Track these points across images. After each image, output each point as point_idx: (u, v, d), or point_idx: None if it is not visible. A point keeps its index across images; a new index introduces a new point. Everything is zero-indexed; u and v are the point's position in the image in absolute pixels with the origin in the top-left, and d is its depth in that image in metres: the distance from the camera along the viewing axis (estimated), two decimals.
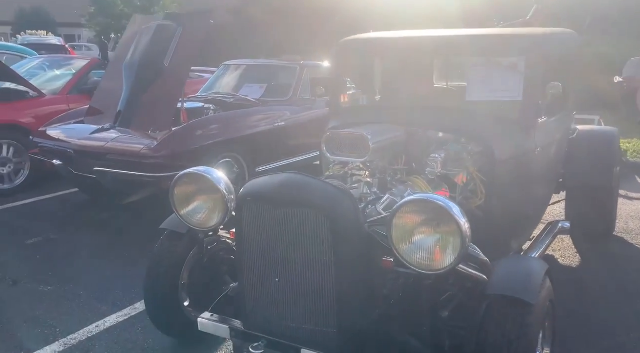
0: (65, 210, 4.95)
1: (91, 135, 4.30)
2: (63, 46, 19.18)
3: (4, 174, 5.30)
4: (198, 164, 4.15)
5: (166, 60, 4.50)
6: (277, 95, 5.41)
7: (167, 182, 4.00)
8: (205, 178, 2.25)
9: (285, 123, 5.04)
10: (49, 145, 4.53)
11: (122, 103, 4.54)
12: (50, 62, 7.23)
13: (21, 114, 5.46)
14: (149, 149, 3.96)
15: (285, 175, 1.97)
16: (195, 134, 4.21)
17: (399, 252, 1.73)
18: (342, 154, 2.32)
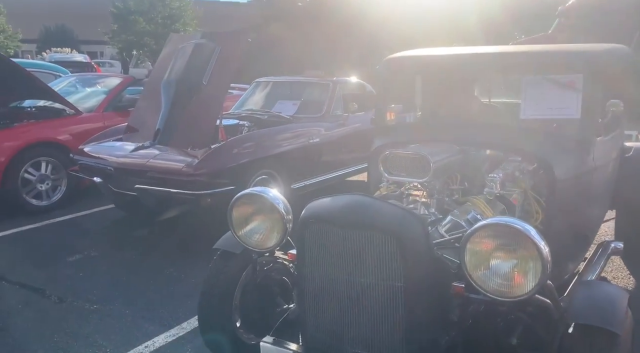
0: (102, 226, 5.00)
1: (131, 153, 4.34)
2: (89, 63, 19.61)
3: (42, 191, 5.38)
4: (237, 181, 4.19)
5: (205, 78, 4.53)
6: (310, 111, 5.42)
7: (207, 199, 4.05)
8: (263, 198, 2.24)
9: (319, 139, 5.04)
10: (89, 162, 4.58)
11: (161, 121, 4.58)
12: (82, 80, 7.37)
13: (59, 131, 5.55)
14: (189, 166, 3.98)
15: (350, 197, 1.94)
16: (234, 152, 4.22)
17: (474, 278, 1.68)
18: (401, 174, 2.29)
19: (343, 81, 5.84)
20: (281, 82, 6.10)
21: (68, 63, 18.19)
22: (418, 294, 1.79)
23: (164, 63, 4.99)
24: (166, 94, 4.68)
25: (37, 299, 3.44)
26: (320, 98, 5.52)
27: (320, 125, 5.21)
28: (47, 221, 5.09)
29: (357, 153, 5.70)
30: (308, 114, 5.36)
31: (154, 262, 4.01)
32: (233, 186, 4.08)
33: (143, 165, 4.14)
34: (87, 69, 18.34)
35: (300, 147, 4.82)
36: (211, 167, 4.03)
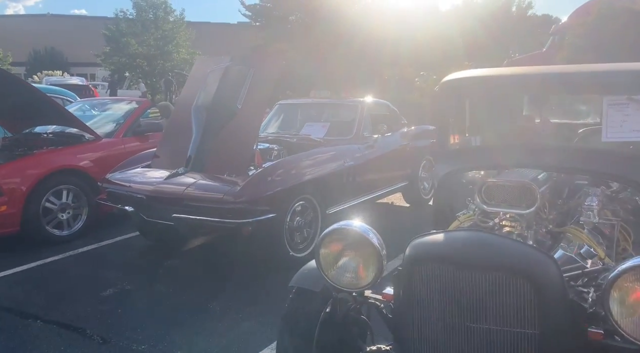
0: (130, 256, 4.78)
1: (165, 180, 4.17)
2: (86, 86, 19.43)
3: (63, 220, 5.17)
4: (277, 208, 4.03)
5: (239, 102, 4.40)
6: (340, 133, 5.30)
7: (248, 228, 3.88)
8: (354, 232, 2.09)
9: (354, 162, 4.91)
10: (119, 190, 4.40)
11: (193, 147, 4.43)
12: (95, 104, 7.21)
13: (80, 157, 5.36)
14: (230, 195, 3.82)
15: (468, 233, 1.80)
16: (273, 178, 4.07)
17: (621, 325, 1.54)
18: (501, 204, 2.15)
19: (371, 102, 5.74)
20: (306, 104, 5.99)
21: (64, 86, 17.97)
22: (553, 341, 1.63)
23: (193, 87, 4.85)
24: (197, 119, 4.54)
25: (79, 340, 3.22)
26: (349, 119, 5.42)
27: (352, 147, 5.09)
28: (70, 252, 4.87)
29: (388, 174, 5.59)
30: (338, 136, 5.24)
31: (193, 295, 3.81)
32: (274, 213, 3.93)
33: (180, 194, 3.97)
34: (84, 92, 18.15)
35: (336, 171, 4.68)
36: (252, 194, 3.87)
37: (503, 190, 2.15)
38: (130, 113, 6.18)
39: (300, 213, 4.28)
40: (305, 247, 4.35)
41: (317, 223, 4.46)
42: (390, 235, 5.05)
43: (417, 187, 6.10)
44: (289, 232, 4.17)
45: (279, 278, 4.02)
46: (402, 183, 5.88)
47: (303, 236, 4.33)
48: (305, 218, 4.32)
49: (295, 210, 4.22)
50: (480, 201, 2.21)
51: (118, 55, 34.63)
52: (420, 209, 6.17)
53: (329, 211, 4.63)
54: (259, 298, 3.72)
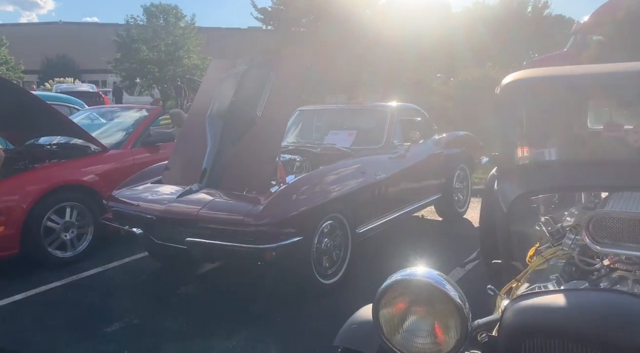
0: (138, 281, 4.32)
1: (178, 199, 3.70)
2: (96, 93, 19.16)
3: (67, 241, 4.72)
4: (304, 230, 3.53)
5: (259, 109, 3.93)
6: (368, 142, 4.81)
7: (271, 253, 3.39)
8: (427, 284, 1.58)
9: (385, 175, 4.41)
10: (127, 210, 3.94)
11: (208, 160, 3.96)
12: (102, 113, 6.79)
13: (85, 171, 4.92)
14: (252, 216, 3.33)
15: (606, 296, 1.30)
16: (299, 196, 3.58)
17: None
18: (623, 244, 1.64)
19: (401, 107, 5.24)
20: (329, 110, 5.51)
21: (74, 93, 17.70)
22: None
23: (207, 94, 4.39)
24: (213, 129, 4.08)
25: None
26: (378, 126, 4.92)
27: (382, 157, 4.59)
28: (74, 276, 4.42)
29: (422, 186, 5.09)
30: (367, 145, 4.75)
31: (210, 331, 3.32)
32: (300, 237, 3.44)
33: (194, 215, 3.50)
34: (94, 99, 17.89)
35: (367, 185, 4.18)
36: (276, 215, 3.38)
37: (625, 225, 1.63)
38: (139, 122, 5.74)
39: (328, 234, 3.79)
40: (334, 273, 3.85)
41: (347, 244, 3.97)
42: (427, 256, 4.54)
43: (452, 199, 5.58)
44: (317, 255, 3.68)
45: (306, 310, 3.54)
46: (436, 196, 5.36)
47: (332, 260, 3.84)
48: (334, 239, 3.83)
49: (323, 230, 3.73)
50: (589, 238, 1.69)
51: (129, 61, 34.54)
52: (455, 224, 5.65)
53: (359, 230, 4.14)
54: (284, 335, 3.23)
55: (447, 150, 5.53)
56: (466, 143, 6.06)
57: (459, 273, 4.11)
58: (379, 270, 4.20)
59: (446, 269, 4.18)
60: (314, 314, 3.46)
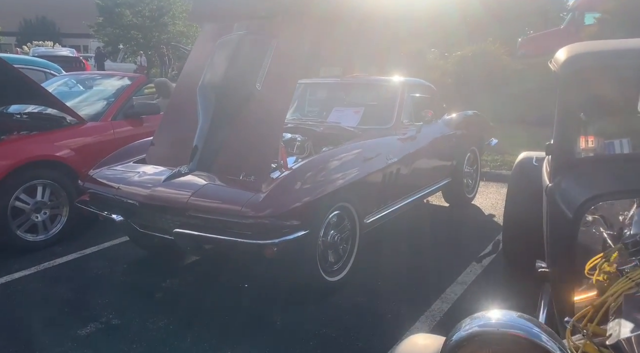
0: (119, 271, 3.85)
1: (165, 183, 3.22)
2: (76, 58, 18.22)
3: (38, 223, 4.23)
4: (309, 222, 3.07)
5: (259, 81, 3.44)
6: (377, 121, 4.35)
7: (273, 249, 2.95)
8: (513, 337, 1.16)
9: (397, 158, 3.97)
10: (106, 193, 3.45)
11: (199, 138, 3.48)
12: (81, 80, 6.19)
13: (59, 146, 4.40)
14: (251, 206, 2.88)
15: None
16: (305, 183, 3.13)
17: None
18: None
19: (412, 83, 4.77)
20: (333, 84, 5.02)
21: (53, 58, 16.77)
22: None
23: (198, 62, 3.87)
24: (205, 102, 3.58)
25: None
26: (387, 104, 4.45)
27: (392, 139, 4.14)
28: (45, 264, 3.95)
29: (433, 170, 4.68)
30: (375, 125, 4.29)
31: (198, 334, 2.90)
32: (305, 230, 3.01)
33: (183, 203, 3.03)
34: (74, 64, 16.98)
35: (377, 170, 3.74)
36: (279, 206, 2.93)
37: None
38: (121, 91, 5.19)
39: (335, 226, 3.36)
40: (340, 269, 3.44)
41: (355, 236, 3.55)
42: (438, 248, 4.14)
43: (461, 184, 5.18)
44: (322, 250, 3.26)
45: (310, 312, 3.13)
46: (445, 180, 4.95)
47: (338, 254, 3.42)
48: (341, 231, 3.40)
49: (330, 222, 3.30)
50: None
51: (112, 26, 33.16)
52: (464, 211, 5.26)
53: (368, 220, 3.72)
54: (286, 341, 2.82)
55: (457, 130, 5.10)
56: (476, 123, 5.64)
57: (476, 269, 3.72)
58: (387, 266, 3.80)
59: (462, 265, 3.80)
60: (319, 317, 3.06)
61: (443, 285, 3.46)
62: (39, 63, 7.82)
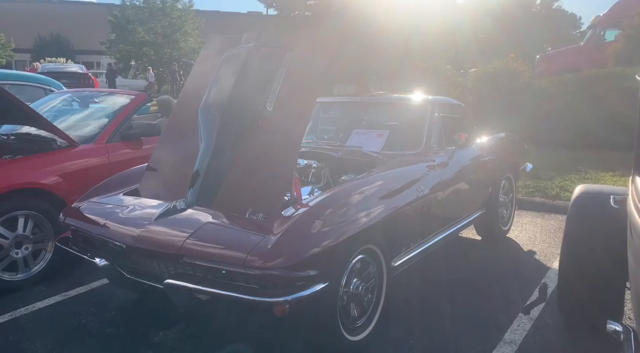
0: (105, 320, 3.29)
1: (157, 221, 2.70)
2: (85, 74, 17.99)
3: (18, 259, 3.73)
4: (328, 273, 2.52)
5: (269, 102, 2.93)
6: (403, 146, 3.82)
7: (284, 306, 2.41)
8: None
9: (428, 190, 3.43)
10: (90, 231, 2.94)
11: (199, 167, 2.96)
12: (81, 97, 5.73)
13: (45, 172, 3.91)
14: (259, 254, 2.34)
15: None
16: (325, 224, 2.58)
17: None
18: None
19: (442, 102, 4.25)
20: (351, 103, 4.51)
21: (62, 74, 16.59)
22: None
23: (201, 78, 3.38)
24: (207, 125, 3.07)
25: None
26: (415, 125, 3.93)
27: (422, 167, 3.60)
28: (22, 309, 3.43)
29: (466, 201, 4.13)
30: (402, 150, 3.76)
31: None
32: (324, 282, 2.46)
33: (177, 247, 2.50)
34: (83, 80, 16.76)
35: (408, 203, 3.20)
36: (294, 253, 2.39)
37: None
38: (119, 110, 4.71)
39: (358, 273, 2.81)
40: (364, 325, 2.88)
41: (381, 283, 2.99)
42: (476, 294, 3.56)
43: (497, 215, 4.61)
44: (344, 303, 2.71)
45: None
46: (479, 212, 4.39)
47: (361, 307, 2.86)
48: (365, 279, 2.85)
49: (353, 268, 2.75)
50: None
51: (124, 42, 33.28)
52: (499, 246, 4.67)
53: (395, 262, 3.16)
54: None
55: (492, 155, 4.55)
56: (510, 146, 5.09)
57: (525, 324, 3.14)
58: (419, 318, 3.22)
59: (507, 317, 3.21)
60: None
61: (488, 346, 2.88)
62: (39, 79, 7.43)
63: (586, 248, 2.64)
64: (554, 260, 4.19)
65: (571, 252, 2.78)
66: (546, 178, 6.71)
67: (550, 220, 5.39)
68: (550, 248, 4.54)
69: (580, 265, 2.69)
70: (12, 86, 7.13)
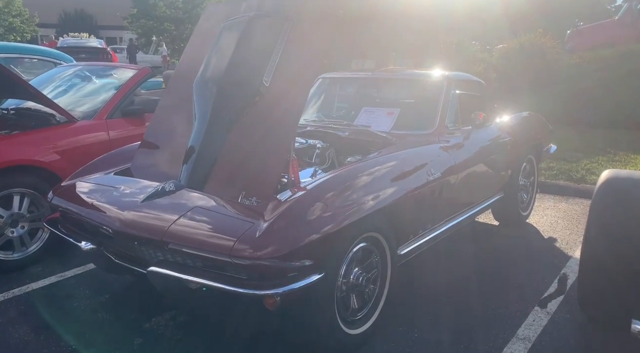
0: (97, 303, 3.17)
1: (144, 203, 2.53)
2: (104, 49, 17.92)
3: (14, 238, 3.63)
4: (324, 263, 2.28)
5: (266, 76, 2.70)
6: (414, 125, 3.57)
7: (275, 299, 2.23)
8: None
9: (440, 173, 3.18)
10: (77, 213, 2.79)
11: (192, 146, 2.77)
12: (90, 70, 5.56)
13: (42, 149, 3.77)
14: (248, 241, 2.15)
15: None
16: (323, 209, 2.37)
17: None
18: None
19: (459, 77, 3.96)
20: (361, 79, 4.25)
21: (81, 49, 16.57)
22: None
23: (198, 50, 3.16)
24: (202, 101, 2.87)
25: None
26: (429, 103, 3.66)
27: (435, 147, 3.34)
28: (15, 290, 3.34)
29: (483, 185, 3.88)
30: (413, 130, 3.50)
31: None
32: (320, 272, 2.26)
33: (161, 232, 2.33)
34: (101, 55, 16.71)
35: (417, 188, 2.96)
36: (286, 241, 2.19)
37: None
38: (120, 85, 4.54)
39: (359, 262, 2.61)
40: (365, 317, 2.69)
41: (385, 273, 2.79)
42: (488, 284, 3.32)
43: (516, 200, 4.33)
44: (342, 295, 2.51)
45: None
46: (498, 196, 4.13)
47: (362, 299, 2.67)
48: (367, 269, 2.65)
49: (354, 257, 2.55)
50: None
51: (145, 17, 33.19)
52: (518, 232, 4.41)
53: (401, 251, 2.95)
54: None
55: (512, 136, 4.25)
56: (533, 127, 4.77)
57: (541, 318, 2.90)
58: (425, 310, 3.01)
59: (521, 311, 2.99)
60: None
61: (500, 342, 2.67)
62: (50, 53, 7.34)
63: (611, 239, 2.38)
64: (576, 249, 3.93)
65: (594, 242, 2.52)
66: (572, 160, 6.36)
67: (574, 205, 5.09)
68: (572, 235, 4.26)
69: (603, 258, 2.44)
70: (22, 60, 7.07)
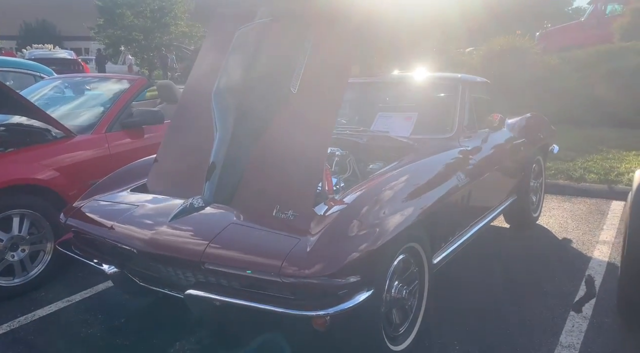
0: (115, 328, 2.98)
1: (172, 222, 2.37)
2: (75, 60, 17.41)
3: (14, 263, 3.40)
4: (372, 278, 2.17)
5: (293, 83, 2.58)
6: (433, 129, 3.50)
7: (325, 319, 2.10)
8: None
9: (466, 177, 3.11)
10: (95, 233, 2.60)
11: (215, 158, 2.62)
12: (74, 83, 5.34)
13: (41, 166, 3.55)
14: (296, 260, 2.02)
15: None
16: (364, 222, 2.26)
17: None
18: None
19: (471, 81, 3.91)
20: (375, 83, 4.15)
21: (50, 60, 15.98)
22: None
23: (212, 59, 3.01)
24: (221, 112, 2.73)
25: None
26: (446, 107, 3.60)
27: (456, 152, 3.27)
28: (20, 318, 3.11)
29: (500, 187, 3.83)
30: (433, 134, 3.43)
31: None
32: (368, 289, 2.15)
33: (199, 254, 2.17)
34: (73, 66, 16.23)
35: (448, 193, 2.88)
36: (335, 258, 2.07)
37: None
38: (117, 97, 4.33)
39: (399, 275, 2.50)
40: (406, 331, 2.58)
41: (423, 284, 2.69)
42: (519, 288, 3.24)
43: (527, 202, 4.31)
44: (385, 310, 2.40)
45: None
46: (512, 198, 4.09)
47: (404, 312, 2.56)
48: (408, 281, 2.55)
49: (395, 270, 2.44)
50: None
51: (113, 27, 32.46)
52: (530, 234, 4.38)
53: (435, 259, 2.86)
54: None
55: (522, 137, 4.23)
56: (538, 127, 4.77)
57: (580, 324, 2.84)
58: (462, 320, 2.92)
59: (558, 316, 2.93)
60: None
61: (545, 350, 2.60)
62: (28, 65, 7.03)
63: None
64: (593, 249, 3.91)
65: (632, 232, 2.47)
66: (566, 159, 6.41)
67: (578, 204, 5.10)
68: (585, 235, 4.25)
69: None
70: None
